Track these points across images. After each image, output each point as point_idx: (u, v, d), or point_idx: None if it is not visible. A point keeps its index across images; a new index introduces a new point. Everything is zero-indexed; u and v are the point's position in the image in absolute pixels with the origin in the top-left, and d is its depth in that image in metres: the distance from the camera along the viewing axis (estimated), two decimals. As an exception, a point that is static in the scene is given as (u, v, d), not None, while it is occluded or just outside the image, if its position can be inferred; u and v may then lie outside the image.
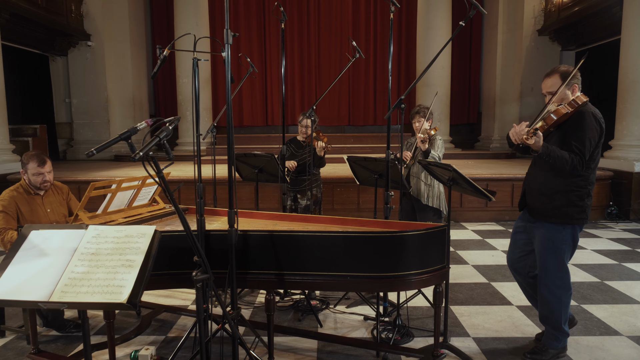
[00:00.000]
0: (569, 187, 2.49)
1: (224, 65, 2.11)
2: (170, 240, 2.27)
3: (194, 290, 3.82)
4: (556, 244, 2.56)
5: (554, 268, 2.59)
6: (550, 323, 2.67)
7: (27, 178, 2.95)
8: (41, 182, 2.93)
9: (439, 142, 3.75)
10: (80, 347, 2.86)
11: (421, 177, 3.74)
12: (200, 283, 1.72)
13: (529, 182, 2.71)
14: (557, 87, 2.51)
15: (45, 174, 2.93)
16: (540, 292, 2.67)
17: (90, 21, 10.34)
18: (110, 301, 1.38)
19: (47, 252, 1.52)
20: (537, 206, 2.62)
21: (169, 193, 1.54)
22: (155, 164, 1.51)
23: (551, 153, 2.37)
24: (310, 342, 2.91)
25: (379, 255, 2.27)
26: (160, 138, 1.57)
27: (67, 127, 11.03)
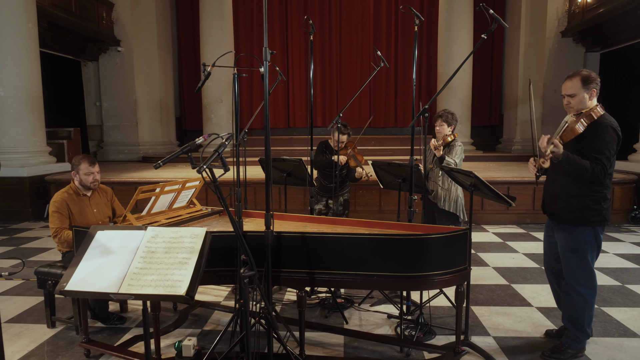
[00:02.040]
0: (583, 191, 2.57)
1: (261, 79, 2.29)
2: (212, 240, 2.46)
3: (225, 288, 4.06)
4: (578, 244, 2.64)
5: (577, 268, 2.66)
6: (573, 324, 2.74)
7: (79, 178, 3.21)
8: (92, 181, 3.20)
9: (458, 148, 3.79)
10: (125, 337, 3.10)
11: (438, 182, 3.84)
12: (247, 279, 1.92)
13: (547, 187, 2.81)
14: (576, 90, 2.58)
15: (95, 173, 3.21)
16: (566, 292, 2.75)
17: (120, 27, 10.74)
18: (171, 293, 1.57)
19: (112, 250, 1.73)
20: (556, 210, 2.71)
21: (222, 200, 1.73)
22: (211, 173, 1.70)
23: (571, 161, 2.46)
24: (337, 338, 3.08)
25: (403, 256, 2.43)
26: (219, 152, 1.76)
27: (98, 130, 11.48)
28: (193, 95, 12.33)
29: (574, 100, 2.60)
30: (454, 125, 3.87)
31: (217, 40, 10.48)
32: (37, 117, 7.60)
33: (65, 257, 3.27)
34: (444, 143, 3.73)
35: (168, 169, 8.68)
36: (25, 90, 7.34)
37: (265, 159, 2.27)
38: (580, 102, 2.59)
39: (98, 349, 2.86)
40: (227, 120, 10.88)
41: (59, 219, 3.11)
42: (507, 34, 11.49)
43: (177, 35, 12.40)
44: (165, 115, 11.53)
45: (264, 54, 2.21)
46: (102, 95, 11.14)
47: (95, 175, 3.21)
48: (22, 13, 7.22)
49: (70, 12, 9.12)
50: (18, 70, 7.22)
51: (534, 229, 6.29)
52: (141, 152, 10.93)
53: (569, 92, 2.62)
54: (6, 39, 7.07)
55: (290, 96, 12.19)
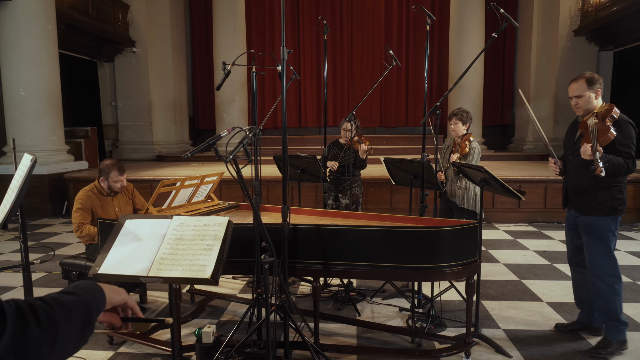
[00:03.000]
0: (609, 184, 2.71)
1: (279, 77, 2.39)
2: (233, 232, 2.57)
3: (240, 281, 4.17)
4: (601, 232, 2.77)
5: (601, 255, 2.78)
6: (608, 315, 2.81)
7: (107, 184, 3.35)
8: (119, 188, 3.36)
9: (475, 149, 3.86)
10: (146, 326, 3.22)
11: (455, 181, 3.90)
12: (267, 265, 2.01)
13: (571, 182, 2.91)
14: (582, 91, 2.77)
15: (123, 181, 3.37)
16: (593, 283, 2.84)
17: (135, 28, 10.95)
18: (197, 277, 1.68)
19: (141, 237, 1.83)
20: (582, 203, 2.83)
21: (245, 188, 1.83)
22: (236, 164, 1.80)
23: (610, 162, 2.58)
24: (350, 329, 3.17)
25: (415, 248, 2.51)
26: (243, 144, 1.86)
27: (113, 129, 11.71)
28: (206, 95, 12.52)
29: (581, 101, 2.79)
30: (469, 123, 3.92)
31: (230, 41, 10.63)
32: (56, 116, 7.81)
33: (89, 249, 3.40)
34: (462, 155, 3.79)
35: (182, 167, 8.84)
36: (45, 91, 7.55)
37: (282, 154, 2.37)
38: (587, 102, 2.78)
39: (121, 336, 2.98)
40: (240, 119, 11.02)
41: (81, 216, 3.25)
42: (519, 33, 11.46)
43: (190, 36, 12.59)
44: (179, 115, 11.73)
45: (281, 53, 2.31)
46: (118, 95, 11.36)
47: (123, 182, 3.37)
48: (42, 15, 7.43)
49: (87, 14, 9.34)
50: (38, 71, 7.43)
51: (545, 227, 6.30)
52: (155, 151, 11.12)
53: (576, 93, 2.81)
54: (27, 40, 7.28)
55: (301, 96, 12.30)
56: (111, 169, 3.33)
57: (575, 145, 2.84)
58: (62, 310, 0.74)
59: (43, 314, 0.70)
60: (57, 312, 0.73)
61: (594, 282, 2.83)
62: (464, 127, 3.88)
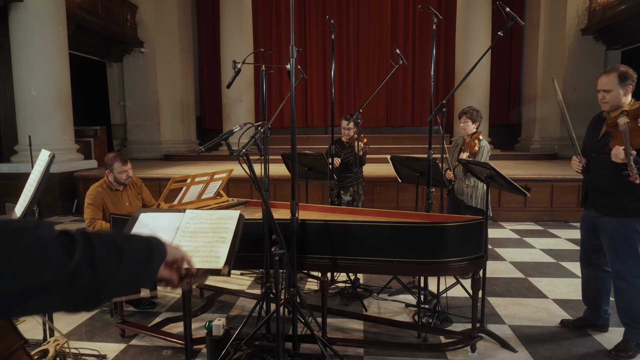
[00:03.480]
0: (633, 184, 2.57)
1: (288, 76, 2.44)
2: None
3: (248, 278, 4.23)
4: (626, 233, 2.67)
5: (628, 257, 2.69)
6: (631, 317, 2.74)
7: (113, 177, 3.42)
8: (125, 179, 3.41)
9: (484, 148, 3.86)
10: (157, 319, 3.29)
11: (464, 180, 3.92)
12: (277, 257, 2.07)
13: (593, 182, 2.82)
14: (612, 86, 2.62)
15: (128, 171, 3.41)
16: (617, 285, 2.77)
17: (143, 29, 11.06)
18: (210, 267, 1.73)
19: (155, 230, 1.89)
20: (604, 203, 2.73)
21: (256, 183, 1.88)
22: (248, 159, 1.86)
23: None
24: (357, 323, 3.21)
25: (422, 243, 2.55)
26: (255, 139, 1.92)
27: (122, 129, 11.83)
28: (213, 95, 12.61)
29: (609, 96, 2.64)
30: (479, 122, 3.92)
31: (237, 41, 10.72)
32: (66, 115, 7.92)
33: (101, 244, 3.47)
34: (471, 154, 3.80)
35: (190, 166, 8.93)
36: (56, 90, 7.66)
37: (292, 150, 2.42)
38: (615, 98, 2.63)
39: (133, 329, 3.05)
40: (246, 119, 11.10)
41: (93, 211, 3.32)
42: (526, 32, 11.44)
43: (197, 37, 12.69)
44: (186, 114, 11.83)
45: (290, 52, 2.36)
46: (126, 95, 11.48)
47: (128, 172, 3.42)
48: (52, 16, 7.54)
49: (96, 15, 9.46)
50: (49, 71, 7.54)
51: (551, 226, 6.31)
52: (163, 150, 11.23)
53: (605, 87, 2.65)
54: (38, 41, 7.39)
55: (308, 95, 12.36)
56: (114, 160, 3.40)
57: (600, 143, 2.72)
58: (123, 237, 0.80)
59: (107, 237, 0.77)
60: (120, 238, 0.79)
61: (618, 284, 2.77)
62: (474, 126, 3.90)
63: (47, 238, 0.70)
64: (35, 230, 0.71)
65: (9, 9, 7.37)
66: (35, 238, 0.69)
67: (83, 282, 0.70)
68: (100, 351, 2.86)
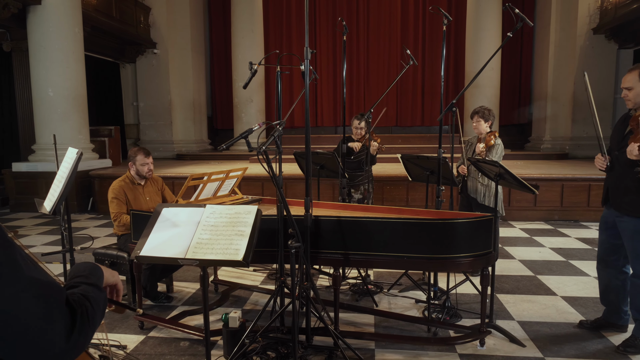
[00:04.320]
0: None
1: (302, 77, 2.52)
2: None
3: (260, 274, 4.32)
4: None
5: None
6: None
7: (135, 169, 3.54)
8: (147, 171, 3.54)
9: (499, 147, 3.89)
10: (174, 313, 3.40)
11: (478, 178, 3.96)
12: (294, 250, 2.15)
13: (614, 181, 2.82)
14: (633, 84, 2.64)
15: (150, 164, 3.54)
16: (634, 282, 2.81)
17: (156, 30, 11.23)
18: (230, 259, 1.82)
19: (177, 224, 1.99)
20: (626, 202, 2.73)
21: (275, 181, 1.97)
22: (266, 157, 1.95)
23: None
24: (368, 318, 3.29)
25: (432, 239, 2.62)
26: (274, 137, 2.00)
27: (135, 128, 12.03)
28: (224, 95, 12.76)
29: (631, 93, 2.67)
30: (491, 121, 3.96)
31: (248, 41, 10.85)
32: (82, 116, 8.10)
33: (120, 239, 3.59)
34: (487, 147, 3.84)
35: (202, 165, 9.07)
36: (72, 91, 7.84)
37: (305, 148, 2.51)
38: (638, 95, 2.65)
39: (151, 321, 3.16)
40: (257, 119, 11.22)
41: (117, 205, 3.45)
42: (537, 32, 11.41)
43: (209, 37, 12.84)
44: (198, 114, 11.98)
45: (305, 53, 2.44)
46: (139, 95, 11.66)
47: (149, 165, 3.54)
48: (69, 19, 7.72)
49: (111, 17, 9.64)
50: (65, 72, 7.72)
51: (561, 225, 6.32)
52: (175, 149, 11.39)
53: (627, 85, 2.68)
54: (55, 43, 7.57)
55: (318, 97, 12.44)
56: (137, 153, 3.54)
57: (624, 141, 2.71)
58: (95, 303, 0.90)
59: (89, 308, 0.87)
60: (94, 304, 0.89)
61: (635, 282, 2.79)
62: (486, 125, 3.94)
63: (60, 314, 0.79)
64: (58, 294, 0.80)
65: (27, 11, 7.56)
66: (53, 306, 0.78)
67: (68, 355, 0.80)
68: (120, 342, 2.97)
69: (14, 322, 0.72)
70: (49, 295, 0.77)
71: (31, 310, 0.74)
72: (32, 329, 0.73)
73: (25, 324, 0.73)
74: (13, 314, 0.72)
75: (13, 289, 0.73)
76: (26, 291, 0.74)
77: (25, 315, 0.73)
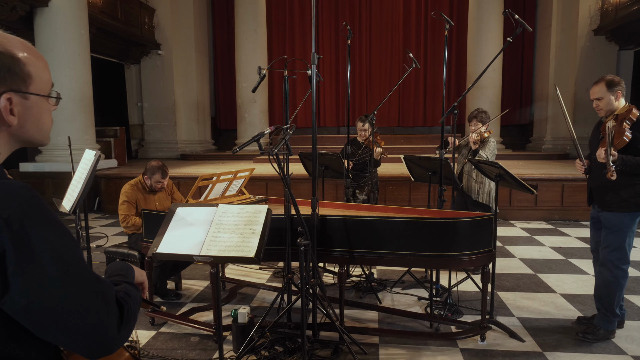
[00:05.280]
0: (632, 181, 2.82)
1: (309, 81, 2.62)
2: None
3: (266, 272, 4.42)
4: (619, 227, 2.89)
5: (615, 249, 2.91)
6: (604, 304, 2.97)
7: (150, 183, 3.65)
8: (159, 188, 3.66)
9: (491, 144, 4.07)
10: (183, 309, 3.50)
11: (472, 175, 4.10)
12: (303, 247, 2.25)
13: (596, 181, 3.01)
14: (602, 94, 2.89)
15: (164, 183, 3.66)
16: (600, 271, 3.00)
17: (161, 32, 11.34)
18: (243, 255, 1.92)
19: (192, 223, 2.09)
20: (606, 200, 2.94)
21: (285, 182, 2.07)
22: (277, 159, 2.04)
23: (627, 162, 2.73)
24: (372, 314, 3.39)
25: (434, 237, 2.71)
26: (285, 139, 2.10)
27: (139, 129, 12.14)
28: (227, 96, 12.87)
29: (601, 103, 2.91)
30: (488, 123, 4.15)
31: (251, 42, 10.95)
32: (88, 116, 8.21)
33: (131, 238, 3.70)
34: (481, 138, 4.01)
35: (206, 166, 9.17)
36: (78, 92, 7.95)
37: (312, 151, 2.61)
38: (608, 104, 2.89)
39: (162, 317, 3.26)
40: (260, 119, 11.33)
41: (127, 208, 3.56)
42: (538, 33, 11.49)
43: (212, 39, 12.94)
44: (202, 115, 12.09)
45: (312, 59, 2.54)
46: (143, 96, 11.78)
47: (163, 184, 3.66)
48: (76, 20, 7.83)
49: (116, 19, 9.75)
50: (72, 74, 7.83)
51: (561, 225, 6.40)
52: (179, 150, 11.50)
53: (596, 96, 2.94)
54: (62, 45, 7.68)
55: (320, 98, 12.54)
56: (155, 172, 3.62)
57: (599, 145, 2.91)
58: (134, 300, 1.00)
59: (132, 304, 0.97)
60: (134, 301, 1.00)
61: (601, 271, 2.99)
62: (484, 127, 4.08)
63: (114, 308, 0.90)
64: (109, 291, 0.91)
65: (34, 14, 7.68)
66: (110, 302, 0.89)
67: (115, 347, 0.90)
68: (132, 337, 3.07)
69: (79, 316, 0.83)
70: (106, 292, 0.88)
71: (94, 305, 0.84)
72: (93, 321, 0.84)
73: (88, 317, 0.83)
74: (80, 308, 0.82)
75: (80, 286, 0.83)
76: (90, 288, 0.85)
77: (89, 309, 0.84)
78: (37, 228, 0.80)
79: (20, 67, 0.91)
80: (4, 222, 0.77)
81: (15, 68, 0.90)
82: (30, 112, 0.95)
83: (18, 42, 0.92)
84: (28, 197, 0.82)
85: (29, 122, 0.95)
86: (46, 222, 0.83)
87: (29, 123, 0.95)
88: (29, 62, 0.93)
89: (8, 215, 0.78)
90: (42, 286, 0.80)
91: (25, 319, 0.81)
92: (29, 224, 0.79)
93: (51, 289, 0.80)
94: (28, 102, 0.94)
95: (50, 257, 0.81)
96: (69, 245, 0.85)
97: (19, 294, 0.79)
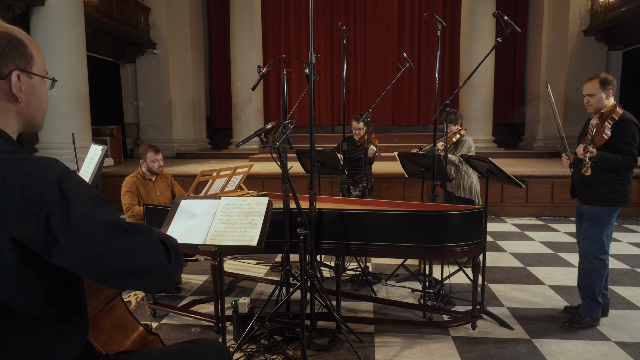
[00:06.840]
0: (612, 177, 2.96)
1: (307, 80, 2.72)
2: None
3: (264, 267, 4.52)
4: (598, 220, 3.04)
5: (593, 240, 3.05)
6: (587, 293, 3.12)
7: (146, 166, 3.74)
8: (157, 167, 3.74)
9: (466, 143, 4.27)
10: (183, 302, 3.59)
11: (451, 172, 4.28)
12: (302, 236, 2.36)
13: (578, 176, 3.13)
14: (594, 91, 3.01)
15: (160, 160, 3.74)
16: (581, 262, 3.15)
17: (156, 31, 11.38)
18: (246, 245, 2.02)
19: (195, 214, 2.18)
20: (587, 194, 3.08)
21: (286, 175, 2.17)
22: (278, 153, 2.14)
23: (605, 159, 2.87)
24: (367, 305, 3.50)
25: (427, 229, 2.83)
26: (286, 134, 2.20)
27: (135, 128, 12.18)
28: (223, 95, 12.93)
29: (593, 99, 3.04)
30: (460, 121, 4.36)
31: (247, 42, 11.03)
32: (84, 115, 8.26)
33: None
34: (450, 143, 4.17)
35: (202, 164, 9.24)
36: (75, 91, 7.99)
37: (310, 148, 2.71)
38: (599, 101, 3.02)
39: (164, 309, 3.36)
40: (256, 118, 11.41)
41: (130, 197, 3.65)
42: (530, 33, 11.67)
43: (208, 38, 13.00)
44: (197, 114, 12.15)
45: (309, 58, 2.64)
46: (139, 95, 11.81)
47: (159, 161, 3.74)
48: (72, 20, 7.87)
49: (112, 18, 9.79)
50: (69, 72, 7.86)
51: (552, 221, 6.56)
52: (175, 149, 11.55)
53: (589, 92, 3.06)
54: (59, 44, 7.72)
55: (316, 96, 12.63)
56: (147, 150, 3.75)
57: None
58: (173, 240, 1.15)
59: (172, 240, 1.13)
60: (173, 240, 1.15)
61: (582, 262, 3.13)
62: (456, 127, 4.29)
63: (158, 243, 1.06)
64: (151, 233, 1.06)
65: (30, 13, 7.71)
66: (154, 239, 1.05)
67: (174, 276, 1.08)
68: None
69: (147, 255, 1.01)
70: (145, 232, 1.05)
71: (150, 244, 1.02)
72: (155, 257, 1.02)
73: (151, 254, 1.02)
74: (127, 249, 0.99)
75: (123, 231, 0.99)
76: (132, 231, 1.00)
77: (149, 248, 1.02)
78: (74, 190, 0.94)
79: (25, 47, 1.03)
80: (44, 187, 0.91)
81: (20, 49, 1.02)
82: (34, 90, 1.07)
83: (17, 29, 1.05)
84: (62, 166, 0.97)
85: (34, 100, 1.08)
86: (79, 185, 0.97)
87: (33, 101, 1.08)
88: (31, 44, 1.06)
89: (46, 181, 0.91)
90: (89, 238, 0.93)
91: (82, 268, 0.96)
92: (67, 187, 0.93)
93: (95, 239, 0.94)
94: (32, 81, 1.06)
95: (89, 213, 0.94)
96: (103, 201, 0.98)
97: (68, 247, 0.92)
